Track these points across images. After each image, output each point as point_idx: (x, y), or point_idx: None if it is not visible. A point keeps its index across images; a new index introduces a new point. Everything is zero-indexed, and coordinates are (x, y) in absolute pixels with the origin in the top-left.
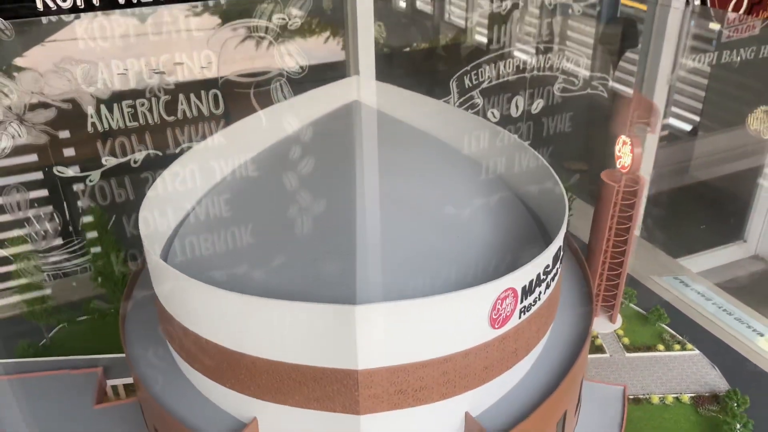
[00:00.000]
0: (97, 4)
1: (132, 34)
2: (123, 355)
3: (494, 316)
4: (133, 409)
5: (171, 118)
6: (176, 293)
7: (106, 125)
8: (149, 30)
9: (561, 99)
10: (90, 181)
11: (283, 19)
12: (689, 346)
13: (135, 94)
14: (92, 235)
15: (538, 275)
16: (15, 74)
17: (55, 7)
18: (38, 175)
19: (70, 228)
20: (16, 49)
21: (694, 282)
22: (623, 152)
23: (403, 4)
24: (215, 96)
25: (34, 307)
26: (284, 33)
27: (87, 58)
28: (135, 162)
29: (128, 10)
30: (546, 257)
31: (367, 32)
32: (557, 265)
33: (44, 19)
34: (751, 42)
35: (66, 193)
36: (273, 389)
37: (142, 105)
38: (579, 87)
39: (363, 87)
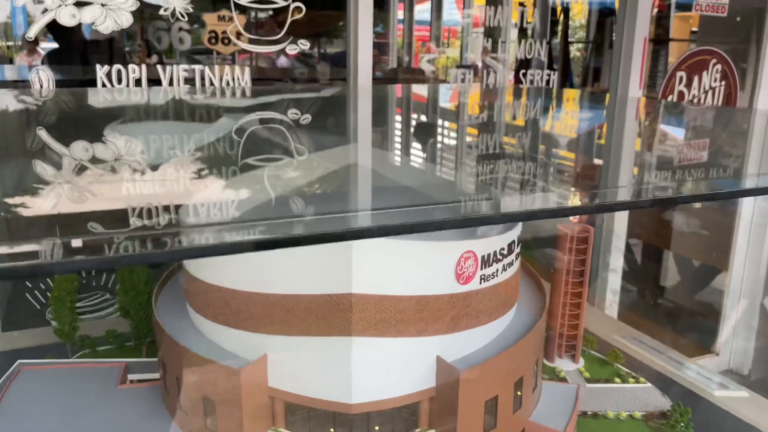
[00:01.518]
0: None
1: None
2: (143, 360)
3: (459, 272)
4: (154, 391)
5: None
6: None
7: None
8: None
9: None
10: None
11: None
12: (642, 380)
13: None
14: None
15: (495, 252)
16: None
17: None
18: None
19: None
20: None
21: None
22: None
23: None
24: None
25: (63, 326)
26: None
27: None
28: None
29: None
30: (502, 240)
31: None
32: (512, 256)
33: None
34: None
35: None
36: (282, 322)
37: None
38: None
39: None
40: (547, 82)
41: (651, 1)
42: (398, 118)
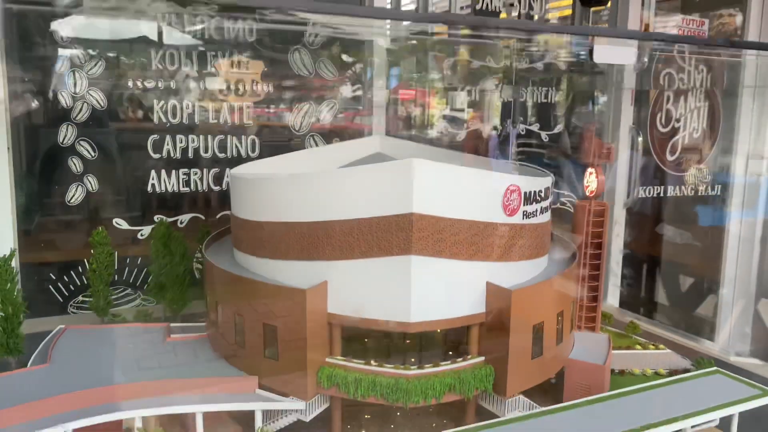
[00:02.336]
0: None
1: None
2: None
3: (506, 203)
4: (199, 342)
5: (217, 188)
6: (260, 193)
7: (162, 188)
8: None
9: None
10: (141, 235)
11: None
12: (662, 346)
13: (190, 163)
14: None
15: (534, 192)
16: None
17: None
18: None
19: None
20: None
21: None
22: (590, 180)
23: None
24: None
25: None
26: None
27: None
28: (181, 223)
29: None
30: (539, 182)
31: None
32: (546, 202)
33: None
34: None
35: None
36: (343, 246)
37: (195, 174)
38: None
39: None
40: None
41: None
42: None
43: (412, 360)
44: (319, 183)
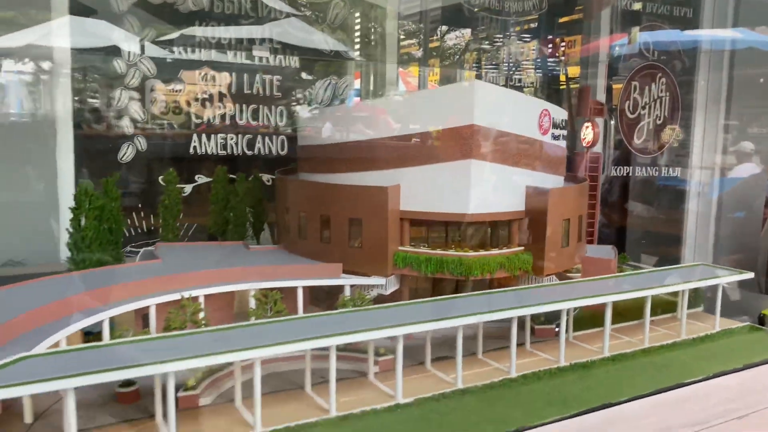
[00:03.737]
0: None
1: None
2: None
3: (540, 123)
4: (275, 252)
5: (250, 153)
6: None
7: (202, 151)
8: None
9: None
10: (184, 192)
11: None
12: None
13: (227, 129)
14: None
15: (559, 120)
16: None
17: None
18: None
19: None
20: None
21: None
22: (586, 134)
23: None
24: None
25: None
26: None
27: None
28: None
29: None
30: (562, 113)
31: None
32: (563, 131)
33: None
34: None
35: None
36: (415, 155)
37: (231, 139)
38: None
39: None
40: None
41: None
42: None
43: (467, 248)
44: (396, 104)
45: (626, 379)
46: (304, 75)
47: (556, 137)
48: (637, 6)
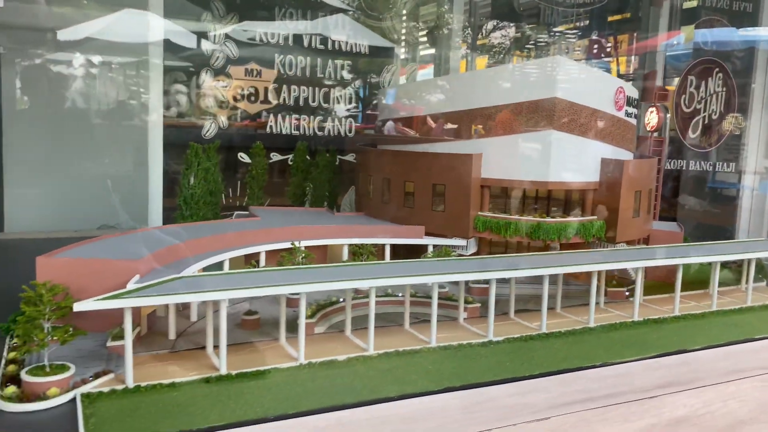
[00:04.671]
0: None
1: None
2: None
3: (616, 99)
4: (359, 217)
5: (320, 133)
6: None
7: (277, 130)
8: None
9: None
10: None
11: None
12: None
13: (298, 110)
14: None
15: (632, 98)
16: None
17: None
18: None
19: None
20: None
21: None
22: (650, 118)
23: None
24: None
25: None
26: None
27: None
28: (291, 161)
29: None
30: (634, 91)
31: None
32: (634, 110)
33: None
34: None
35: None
36: (498, 125)
37: (304, 119)
38: None
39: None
40: None
41: None
42: None
43: (544, 214)
44: (479, 78)
45: (698, 333)
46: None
47: (629, 114)
48: (692, 3)
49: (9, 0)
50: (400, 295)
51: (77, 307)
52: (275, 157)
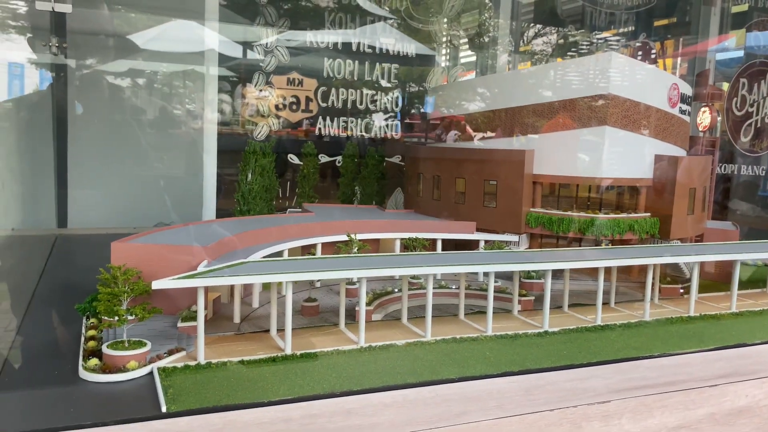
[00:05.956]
0: None
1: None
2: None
3: (670, 96)
4: (408, 214)
5: (368, 135)
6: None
7: (326, 132)
8: None
9: None
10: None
11: None
12: None
13: (344, 112)
14: None
15: (685, 95)
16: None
17: None
18: None
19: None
20: None
21: None
22: (703, 118)
23: None
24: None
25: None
26: None
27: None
28: (338, 162)
29: None
30: (688, 89)
31: None
32: (688, 107)
33: None
34: None
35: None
36: (552, 122)
37: (352, 123)
38: None
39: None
40: None
41: None
42: None
43: (596, 210)
44: (533, 75)
45: (758, 328)
46: (419, 64)
47: (683, 111)
48: (743, 7)
49: (77, 6)
50: (453, 287)
51: (156, 285)
52: (323, 158)
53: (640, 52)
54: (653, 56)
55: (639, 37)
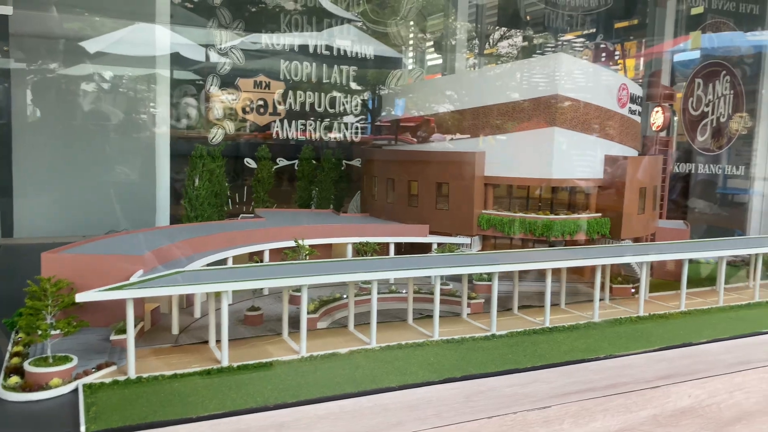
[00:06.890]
0: None
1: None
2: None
3: (619, 96)
4: (364, 218)
5: (332, 138)
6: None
7: (283, 135)
8: None
9: None
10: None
11: None
12: None
13: (304, 115)
14: None
15: (635, 95)
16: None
17: None
18: None
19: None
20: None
21: None
22: (656, 118)
23: None
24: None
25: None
26: None
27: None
28: (297, 167)
29: None
30: (638, 89)
31: None
32: (638, 108)
33: None
34: None
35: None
36: (500, 124)
37: (310, 125)
38: None
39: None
40: None
41: None
42: None
43: (547, 211)
44: (482, 77)
45: (704, 327)
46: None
47: (632, 111)
48: (698, 10)
49: (19, 8)
50: (403, 291)
51: (79, 298)
52: (281, 162)
53: (603, 54)
54: (616, 57)
55: (596, 39)
